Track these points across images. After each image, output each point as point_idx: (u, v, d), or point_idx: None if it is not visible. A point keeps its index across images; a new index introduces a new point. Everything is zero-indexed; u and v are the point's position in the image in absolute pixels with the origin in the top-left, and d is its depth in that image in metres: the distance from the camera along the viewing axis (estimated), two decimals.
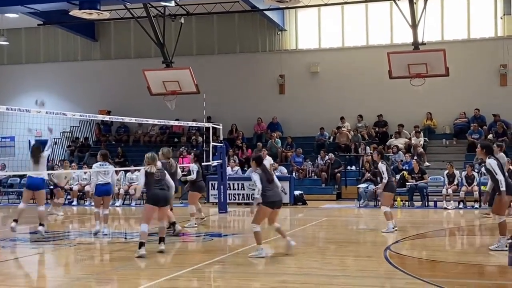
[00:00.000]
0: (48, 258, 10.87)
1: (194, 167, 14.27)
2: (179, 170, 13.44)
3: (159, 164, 10.72)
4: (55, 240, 12.50)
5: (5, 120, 21.82)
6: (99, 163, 12.97)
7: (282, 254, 10.83)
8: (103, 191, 12.74)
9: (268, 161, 20.22)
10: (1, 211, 19.51)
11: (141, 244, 9.83)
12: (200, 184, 14.58)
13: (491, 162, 10.02)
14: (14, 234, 12.39)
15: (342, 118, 24.88)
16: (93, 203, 15.12)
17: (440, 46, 20.90)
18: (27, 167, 12.66)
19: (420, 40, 19.80)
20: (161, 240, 10.32)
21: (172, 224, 12.34)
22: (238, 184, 20.58)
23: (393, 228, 12.72)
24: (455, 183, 18.76)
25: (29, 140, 27.19)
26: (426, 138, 23.65)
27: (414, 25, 19.73)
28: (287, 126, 25.91)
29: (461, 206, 18.44)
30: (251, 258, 9.70)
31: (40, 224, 12.37)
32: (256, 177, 9.77)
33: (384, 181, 12.77)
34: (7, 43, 27.39)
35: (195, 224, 13.99)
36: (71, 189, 20.98)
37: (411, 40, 20.13)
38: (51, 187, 18.28)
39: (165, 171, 10.49)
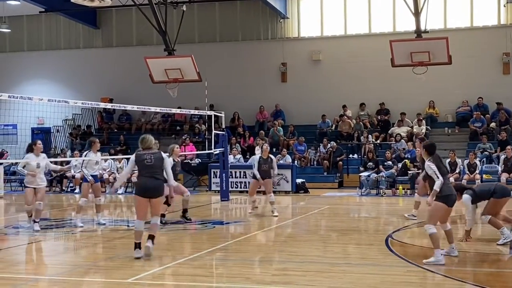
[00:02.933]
0: (50, 245, 10.91)
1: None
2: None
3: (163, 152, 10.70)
4: (57, 228, 12.55)
5: (7, 108, 21.89)
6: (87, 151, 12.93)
7: (282, 241, 10.89)
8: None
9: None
10: (4, 199, 19.56)
11: (136, 245, 8.69)
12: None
13: None
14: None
15: (344, 106, 24.85)
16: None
17: (443, 34, 20.79)
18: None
19: (422, 28, 19.70)
20: (150, 237, 8.77)
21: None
22: (240, 172, 20.58)
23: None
24: (457, 171, 18.78)
25: (31, 128, 27.33)
26: (428, 127, 23.63)
27: (416, 13, 19.62)
28: (289, 114, 25.90)
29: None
30: (427, 265, 8.16)
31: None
32: (433, 166, 8.47)
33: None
34: (9, 30, 27.36)
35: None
36: (73, 176, 21.00)
37: (413, 28, 20.04)
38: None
39: (162, 157, 8.89)
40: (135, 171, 9.38)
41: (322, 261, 8.68)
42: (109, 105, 18.41)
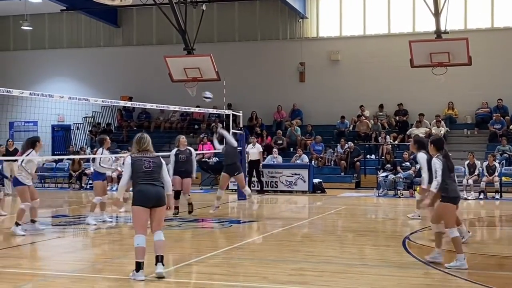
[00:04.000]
0: (68, 242, 11.02)
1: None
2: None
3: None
4: (75, 225, 12.67)
5: (28, 105, 22.11)
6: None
7: (299, 241, 10.91)
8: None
9: (257, 148, 20.23)
10: None
11: (139, 266, 7.44)
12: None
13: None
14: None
15: (361, 106, 24.77)
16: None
17: (463, 34, 20.67)
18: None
19: (442, 28, 19.61)
20: (159, 260, 7.53)
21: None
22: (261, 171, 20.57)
23: (419, 216, 12.77)
24: (476, 173, 18.65)
25: (52, 125, 27.61)
26: (447, 128, 23.49)
27: (436, 13, 19.53)
28: (307, 114, 25.91)
29: (481, 196, 18.31)
30: (449, 269, 7.92)
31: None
32: (438, 165, 8.16)
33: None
34: (31, 28, 27.64)
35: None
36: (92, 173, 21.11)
37: (433, 28, 19.95)
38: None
39: (161, 163, 7.82)
40: None
41: (338, 262, 8.69)
42: (128, 103, 18.58)
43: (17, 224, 11.02)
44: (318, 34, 26.26)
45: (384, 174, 19.51)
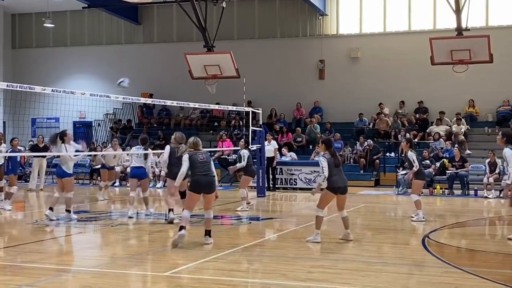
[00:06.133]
0: (89, 238, 11.17)
1: (244, 152, 14.55)
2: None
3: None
4: (97, 220, 12.82)
5: (50, 102, 22.32)
6: (137, 146, 13.34)
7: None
8: (136, 174, 13.04)
9: (272, 145, 20.24)
10: (45, 191, 20.02)
11: (181, 228, 9.41)
12: (252, 168, 14.88)
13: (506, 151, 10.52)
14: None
15: (380, 104, 24.67)
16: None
17: (484, 32, 20.51)
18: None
19: (463, 25, 19.45)
20: (207, 233, 9.62)
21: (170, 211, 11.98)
22: (276, 168, 20.62)
23: (423, 217, 12.69)
24: (496, 171, 18.51)
25: (73, 122, 27.87)
26: (468, 126, 23.31)
27: (457, 10, 19.38)
28: (326, 111, 25.88)
29: (502, 195, 18.17)
30: (308, 242, 9.84)
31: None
32: (324, 162, 9.81)
33: (415, 169, 12.74)
34: (53, 25, 27.93)
35: (247, 208, 14.26)
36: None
37: (454, 25, 19.80)
38: (98, 166, 18.50)
39: (209, 156, 9.86)
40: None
41: (357, 260, 8.70)
42: (149, 100, 18.68)
43: (69, 211, 12.56)
44: (338, 31, 26.20)
45: (404, 172, 19.42)
